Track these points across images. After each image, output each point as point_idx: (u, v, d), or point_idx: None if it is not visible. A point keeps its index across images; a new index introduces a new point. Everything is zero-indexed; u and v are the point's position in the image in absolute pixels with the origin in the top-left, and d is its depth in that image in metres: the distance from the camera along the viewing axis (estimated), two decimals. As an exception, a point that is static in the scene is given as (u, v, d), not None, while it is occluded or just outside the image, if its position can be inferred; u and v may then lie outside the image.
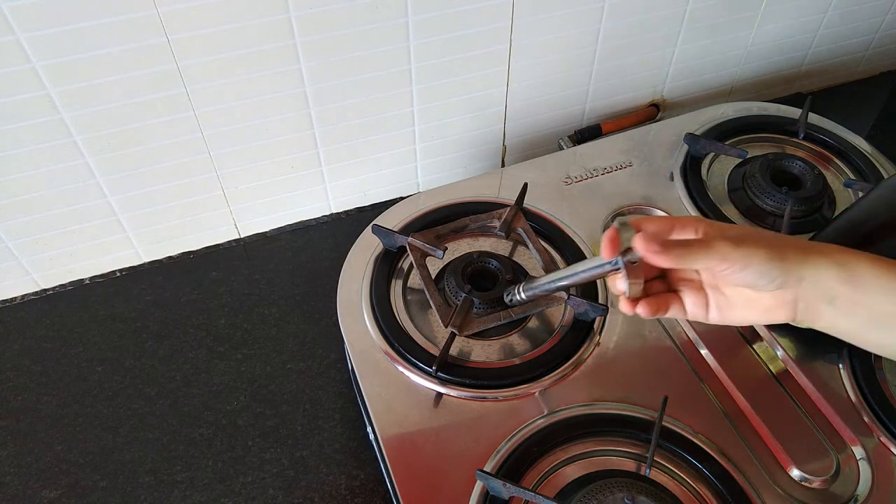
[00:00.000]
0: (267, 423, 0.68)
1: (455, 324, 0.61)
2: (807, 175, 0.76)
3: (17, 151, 0.66)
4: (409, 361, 0.62)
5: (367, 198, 0.87)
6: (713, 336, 0.65)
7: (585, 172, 0.79)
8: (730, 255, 0.43)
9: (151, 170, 0.73)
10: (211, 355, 0.73)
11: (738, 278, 0.44)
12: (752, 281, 0.44)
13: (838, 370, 0.63)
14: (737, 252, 0.43)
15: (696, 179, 0.78)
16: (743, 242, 0.43)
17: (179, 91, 0.67)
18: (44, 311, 0.78)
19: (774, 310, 0.46)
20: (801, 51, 0.96)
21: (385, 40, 0.71)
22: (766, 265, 0.43)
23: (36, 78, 0.61)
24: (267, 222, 0.85)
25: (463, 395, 0.61)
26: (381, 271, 0.69)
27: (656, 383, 0.62)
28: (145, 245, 0.80)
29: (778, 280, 0.44)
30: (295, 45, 0.67)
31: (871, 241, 0.56)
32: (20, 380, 0.72)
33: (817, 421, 0.60)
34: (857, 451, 0.58)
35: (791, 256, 0.44)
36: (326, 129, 0.76)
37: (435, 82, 0.77)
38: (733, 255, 0.43)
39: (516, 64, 0.79)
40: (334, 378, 0.71)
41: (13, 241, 0.73)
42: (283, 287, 0.79)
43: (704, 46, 0.88)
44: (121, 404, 0.70)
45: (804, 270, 0.44)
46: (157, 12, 0.60)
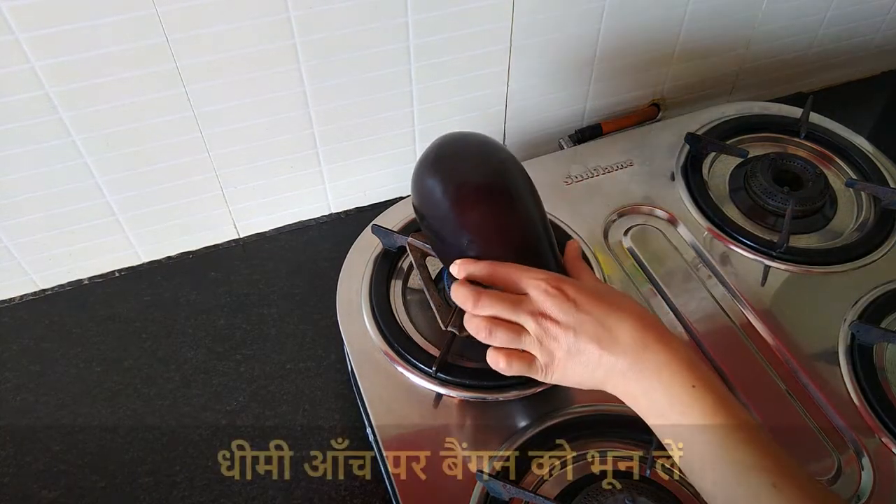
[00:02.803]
0: (266, 424, 0.68)
1: (455, 324, 0.61)
2: (808, 175, 0.76)
3: (16, 151, 0.65)
4: (409, 362, 0.62)
5: (366, 198, 0.87)
6: (713, 336, 0.65)
7: (586, 172, 0.79)
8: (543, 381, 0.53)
9: (151, 170, 0.72)
10: (210, 356, 0.73)
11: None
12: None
13: (839, 370, 0.62)
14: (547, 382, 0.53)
15: (697, 179, 0.77)
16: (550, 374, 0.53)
17: (179, 91, 0.66)
18: (42, 312, 0.77)
19: (595, 390, 0.53)
20: (802, 50, 0.96)
21: (385, 40, 0.71)
22: (576, 385, 0.53)
23: (35, 78, 0.61)
24: (266, 222, 0.84)
25: (463, 396, 0.61)
26: (380, 271, 0.69)
27: (657, 384, 0.61)
28: (144, 245, 0.80)
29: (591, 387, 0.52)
30: (294, 45, 0.67)
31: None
32: (19, 380, 0.72)
33: (818, 421, 0.60)
34: (858, 451, 0.58)
35: (592, 385, 0.52)
36: (326, 128, 0.76)
37: (435, 82, 0.77)
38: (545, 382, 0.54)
39: (516, 64, 0.79)
40: (334, 378, 0.71)
41: (12, 241, 0.73)
42: (282, 287, 0.79)
43: (705, 46, 0.88)
44: (120, 405, 0.70)
45: (606, 387, 0.51)
46: (157, 12, 0.60)
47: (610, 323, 0.50)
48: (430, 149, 0.61)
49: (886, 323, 0.65)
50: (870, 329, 0.63)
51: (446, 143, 0.61)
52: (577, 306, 0.50)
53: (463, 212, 0.57)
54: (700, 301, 0.68)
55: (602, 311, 0.50)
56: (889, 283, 0.68)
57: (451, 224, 0.57)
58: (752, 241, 0.72)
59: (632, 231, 0.74)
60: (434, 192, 0.58)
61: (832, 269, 0.70)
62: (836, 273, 0.70)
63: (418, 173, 0.61)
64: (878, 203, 0.76)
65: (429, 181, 0.59)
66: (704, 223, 0.74)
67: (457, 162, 0.60)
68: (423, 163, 0.61)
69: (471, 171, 0.59)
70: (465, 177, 0.58)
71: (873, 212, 0.75)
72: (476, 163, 0.59)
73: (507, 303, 0.52)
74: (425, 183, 0.59)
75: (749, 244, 0.72)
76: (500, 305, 0.52)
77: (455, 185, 0.57)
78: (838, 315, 0.66)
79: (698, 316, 0.67)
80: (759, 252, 0.71)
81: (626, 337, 0.49)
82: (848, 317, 0.66)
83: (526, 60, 0.79)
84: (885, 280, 0.69)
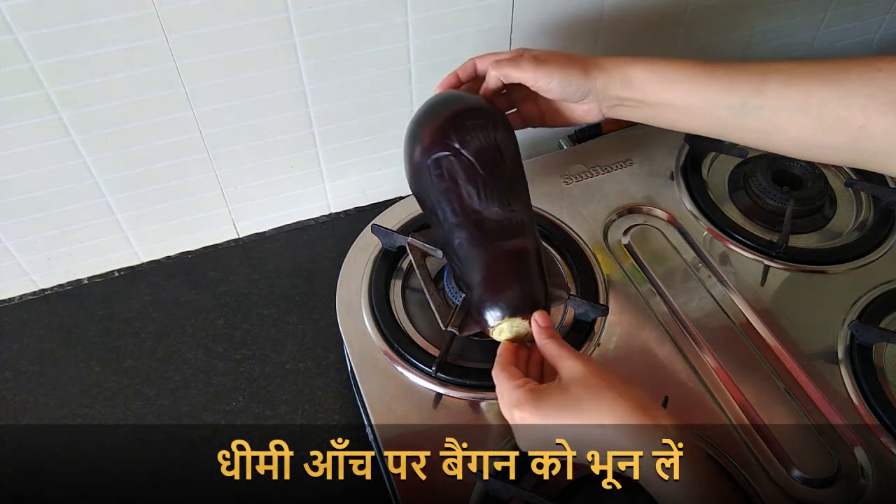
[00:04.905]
0: (266, 424, 0.68)
1: (455, 324, 0.61)
2: (807, 174, 0.76)
3: (15, 151, 0.65)
4: (409, 362, 0.62)
5: (366, 197, 0.87)
6: (713, 336, 0.65)
7: (585, 171, 0.79)
8: (534, 72, 0.58)
9: (150, 169, 0.72)
10: (210, 356, 0.73)
11: (550, 93, 0.59)
12: (559, 95, 0.59)
13: (839, 370, 0.63)
14: (539, 71, 0.58)
15: (696, 179, 0.77)
16: (543, 63, 0.58)
17: (178, 90, 0.66)
18: (42, 312, 0.77)
19: (586, 114, 0.61)
20: (802, 50, 0.96)
21: (384, 39, 0.70)
22: (564, 82, 0.57)
23: (34, 77, 0.61)
24: (266, 222, 0.84)
25: (463, 396, 0.61)
26: (380, 271, 0.69)
27: (656, 383, 0.62)
28: (144, 245, 0.80)
29: (578, 93, 0.58)
30: (294, 45, 0.67)
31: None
32: (18, 380, 0.71)
33: (818, 421, 0.60)
34: (858, 451, 0.58)
35: (580, 74, 0.57)
36: (326, 128, 0.76)
37: (435, 81, 0.76)
38: (537, 72, 0.58)
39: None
40: (333, 378, 0.71)
41: (11, 241, 0.73)
42: (282, 287, 0.79)
43: (704, 46, 0.88)
44: (119, 405, 0.70)
45: (595, 84, 0.57)
46: (156, 11, 0.60)
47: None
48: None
49: (886, 323, 0.65)
50: (869, 329, 0.63)
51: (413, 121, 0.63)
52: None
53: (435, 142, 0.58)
54: (699, 301, 0.68)
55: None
56: (888, 283, 0.68)
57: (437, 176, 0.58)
58: (751, 240, 0.72)
59: (631, 231, 0.74)
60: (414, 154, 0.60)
61: (832, 269, 0.70)
62: (835, 273, 0.70)
63: (407, 151, 0.62)
64: (878, 203, 0.76)
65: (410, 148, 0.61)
66: (704, 223, 0.74)
67: (418, 124, 0.61)
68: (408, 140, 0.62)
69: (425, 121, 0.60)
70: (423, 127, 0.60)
71: (873, 212, 0.75)
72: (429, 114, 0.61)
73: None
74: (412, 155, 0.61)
75: (748, 244, 0.72)
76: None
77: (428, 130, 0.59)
78: (838, 315, 0.66)
79: (698, 316, 0.67)
80: (758, 252, 0.71)
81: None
82: (847, 317, 0.66)
83: (526, 60, 0.79)
84: (885, 280, 0.69)
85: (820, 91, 0.49)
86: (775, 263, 0.71)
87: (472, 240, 0.57)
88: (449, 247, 0.59)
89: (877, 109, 0.47)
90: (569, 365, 0.50)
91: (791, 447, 0.58)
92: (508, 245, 0.57)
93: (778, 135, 0.52)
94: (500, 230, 0.57)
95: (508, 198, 0.58)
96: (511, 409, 0.50)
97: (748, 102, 0.52)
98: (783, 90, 0.51)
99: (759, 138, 0.54)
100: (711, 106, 0.54)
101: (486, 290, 0.56)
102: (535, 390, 0.50)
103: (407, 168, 0.62)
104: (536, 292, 0.57)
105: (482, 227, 0.57)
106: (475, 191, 0.57)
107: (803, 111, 0.50)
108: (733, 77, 0.53)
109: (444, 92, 0.63)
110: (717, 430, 0.59)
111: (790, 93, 0.51)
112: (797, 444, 0.58)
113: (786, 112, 0.51)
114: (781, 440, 0.58)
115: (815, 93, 0.49)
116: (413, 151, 0.60)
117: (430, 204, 0.60)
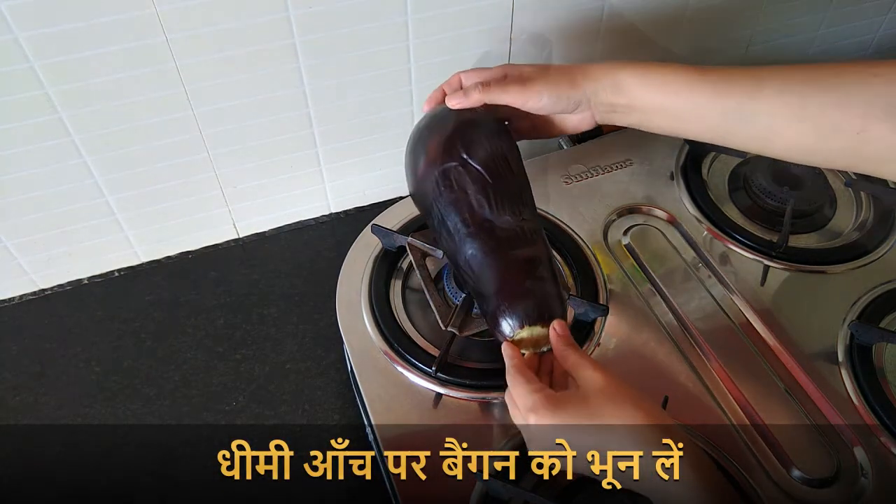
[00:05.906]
0: (266, 424, 0.68)
1: (455, 324, 0.61)
2: (807, 175, 0.76)
3: (15, 151, 0.65)
4: (409, 362, 0.62)
5: (366, 197, 0.87)
6: (713, 336, 0.65)
7: (585, 171, 0.79)
8: (523, 93, 0.57)
9: (150, 169, 0.72)
10: (210, 355, 0.73)
11: (542, 110, 0.58)
12: (551, 110, 0.58)
13: (839, 370, 0.63)
14: (527, 91, 0.57)
15: (696, 178, 0.77)
16: (530, 81, 0.57)
17: (178, 90, 0.66)
18: (42, 312, 0.77)
19: (580, 123, 0.60)
20: (801, 50, 0.96)
21: (384, 39, 0.70)
22: (553, 97, 0.57)
23: (34, 77, 0.61)
24: (266, 222, 0.84)
25: (463, 396, 0.61)
26: (380, 271, 0.69)
27: (656, 383, 0.62)
28: (144, 245, 0.80)
29: (570, 105, 0.57)
30: (294, 44, 0.67)
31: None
32: (18, 380, 0.71)
33: (817, 421, 0.60)
34: (858, 451, 0.58)
35: (568, 86, 0.57)
36: (326, 128, 0.76)
37: (435, 81, 0.76)
38: (525, 93, 0.57)
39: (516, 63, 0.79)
40: (334, 378, 0.71)
41: (11, 241, 0.73)
42: (281, 287, 0.79)
43: (704, 45, 0.88)
44: (119, 405, 0.70)
45: (585, 93, 0.57)
46: (156, 11, 0.60)
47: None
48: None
49: (886, 323, 0.66)
50: (869, 329, 0.63)
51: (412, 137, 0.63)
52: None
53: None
54: (699, 301, 0.68)
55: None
56: (888, 283, 0.68)
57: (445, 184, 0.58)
58: (751, 240, 0.72)
59: (631, 231, 0.74)
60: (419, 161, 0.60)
61: (832, 269, 0.70)
62: (835, 273, 0.70)
63: (408, 161, 0.62)
64: (878, 203, 0.76)
65: (414, 158, 0.61)
66: (704, 223, 0.74)
67: (420, 140, 0.61)
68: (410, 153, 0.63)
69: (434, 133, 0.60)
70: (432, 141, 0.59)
71: (873, 212, 0.75)
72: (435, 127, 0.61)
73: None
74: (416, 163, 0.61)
75: (748, 244, 0.72)
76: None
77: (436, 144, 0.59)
78: (838, 315, 0.66)
79: (698, 316, 0.67)
80: (758, 252, 0.71)
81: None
82: (847, 316, 0.66)
83: (526, 60, 0.79)
84: (885, 280, 0.69)
85: (817, 97, 0.49)
86: (775, 263, 0.71)
87: (485, 249, 0.56)
88: (460, 258, 0.57)
89: (875, 115, 0.47)
90: (588, 375, 0.50)
91: (791, 447, 0.58)
92: (522, 253, 0.56)
93: (775, 140, 0.52)
94: (513, 239, 0.56)
95: (518, 207, 0.57)
96: (526, 412, 0.49)
97: (743, 107, 0.52)
98: (779, 96, 0.50)
99: (756, 144, 0.54)
100: (704, 110, 0.53)
101: (504, 299, 0.55)
102: (553, 397, 0.49)
103: (411, 182, 0.62)
104: (553, 300, 0.56)
105: (495, 237, 0.56)
106: (486, 200, 0.56)
107: (800, 118, 0.50)
108: (728, 81, 0.52)
109: (439, 107, 0.61)
110: (717, 430, 0.59)
111: (787, 99, 0.50)
112: (797, 444, 0.58)
113: (783, 118, 0.51)
114: (781, 440, 0.58)
115: (812, 99, 0.49)
116: (418, 165, 0.59)
117: (439, 216, 0.58)
